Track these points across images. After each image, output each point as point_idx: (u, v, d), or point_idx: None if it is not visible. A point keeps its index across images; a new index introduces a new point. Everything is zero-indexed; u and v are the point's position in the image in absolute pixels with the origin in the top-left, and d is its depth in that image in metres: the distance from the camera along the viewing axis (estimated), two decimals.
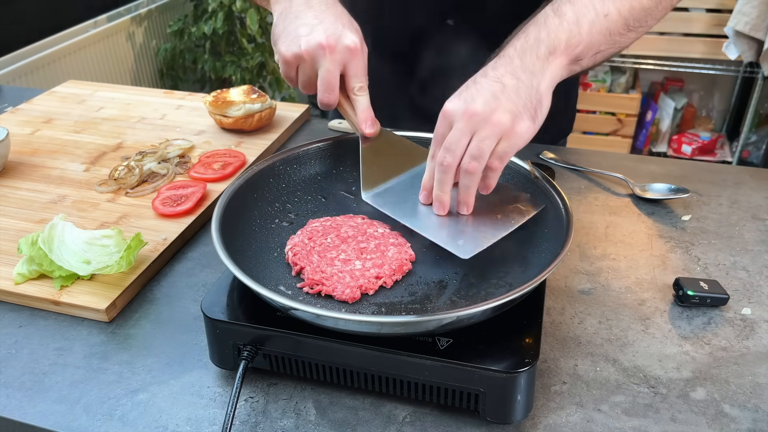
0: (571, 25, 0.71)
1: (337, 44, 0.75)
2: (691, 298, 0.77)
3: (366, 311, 0.67)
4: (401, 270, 0.71)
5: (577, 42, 0.71)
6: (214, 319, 0.65)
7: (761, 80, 2.84)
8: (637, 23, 0.76)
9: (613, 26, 0.74)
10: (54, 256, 0.79)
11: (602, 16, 0.73)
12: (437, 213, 0.75)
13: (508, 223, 0.74)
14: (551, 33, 0.71)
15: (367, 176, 0.80)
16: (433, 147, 0.73)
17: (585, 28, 0.72)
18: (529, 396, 0.61)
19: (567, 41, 0.71)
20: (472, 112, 0.68)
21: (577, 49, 0.72)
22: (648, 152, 3.29)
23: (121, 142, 1.18)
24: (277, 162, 0.85)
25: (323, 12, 0.77)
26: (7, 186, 1.03)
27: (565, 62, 0.72)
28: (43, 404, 0.67)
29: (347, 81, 0.78)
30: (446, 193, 0.74)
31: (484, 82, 0.70)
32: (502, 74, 0.70)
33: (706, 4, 2.83)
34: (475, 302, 0.66)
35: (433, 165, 0.73)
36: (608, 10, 0.73)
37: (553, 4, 0.74)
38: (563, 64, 0.72)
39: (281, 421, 0.64)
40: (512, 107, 0.68)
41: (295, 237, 0.76)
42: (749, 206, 0.98)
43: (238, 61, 2.95)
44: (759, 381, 0.68)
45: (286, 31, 0.78)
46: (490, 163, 0.70)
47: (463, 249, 0.70)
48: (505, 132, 0.68)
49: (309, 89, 0.80)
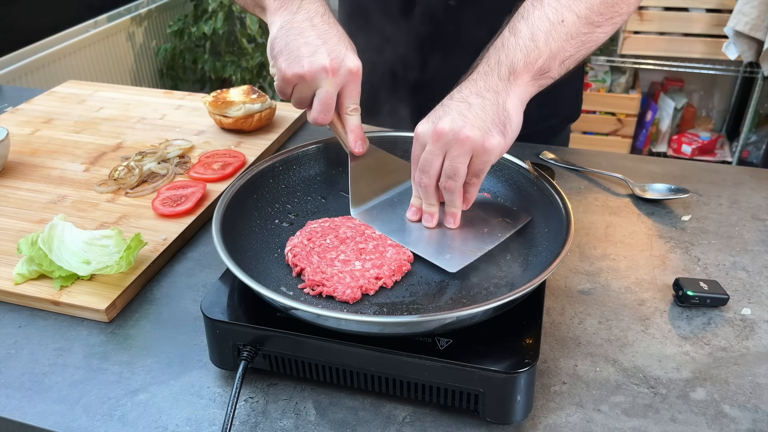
0: (527, 42, 0.71)
1: (340, 67, 0.75)
2: (691, 298, 0.77)
3: (367, 311, 0.67)
4: (400, 270, 0.72)
5: (535, 57, 0.71)
6: (214, 319, 0.65)
7: (761, 80, 2.84)
8: (604, 17, 0.75)
9: (574, 29, 0.73)
10: (54, 256, 0.79)
11: (558, 24, 0.72)
12: (426, 225, 0.77)
13: (495, 237, 0.75)
14: (509, 54, 0.71)
15: (355, 193, 0.81)
16: (412, 169, 0.75)
17: (541, 41, 0.72)
18: (528, 396, 0.61)
19: (525, 59, 0.71)
20: (440, 131, 0.69)
21: (537, 63, 0.72)
22: (648, 152, 3.29)
23: (121, 142, 1.18)
24: (277, 162, 0.85)
25: (326, 32, 0.77)
26: (7, 186, 1.03)
27: (528, 79, 0.72)
28: (42, 404, 0.67)
29: (342, 101, 0.79)
30: (434, 206, 0.76)
31: (450, 104, 0.71)
32: (467, 95, 0.71)
33: (706, 4, 2.83)
34: (475, 302, 0.66)
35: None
36: (563, 16, 0.73)
37: (510, 22, 0.74)
38: (527, 81, 0.72)
39: (281, 421, 0.64)
40: (480, 123, 0.69)
41: (295, 238, 0.76)
42: (749, 206, 0.98)
43: (238, 61, 2.95)
44: (759, 381, 0.68)
45: (288, 48, 0.77)
46: (468, 180, 0.72)
47: (450, 263, 0.71)
48: (475, 148, 0.69)
49: (302, 106, 0.80)
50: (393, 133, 0.90)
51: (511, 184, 0.84)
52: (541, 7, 0.73)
